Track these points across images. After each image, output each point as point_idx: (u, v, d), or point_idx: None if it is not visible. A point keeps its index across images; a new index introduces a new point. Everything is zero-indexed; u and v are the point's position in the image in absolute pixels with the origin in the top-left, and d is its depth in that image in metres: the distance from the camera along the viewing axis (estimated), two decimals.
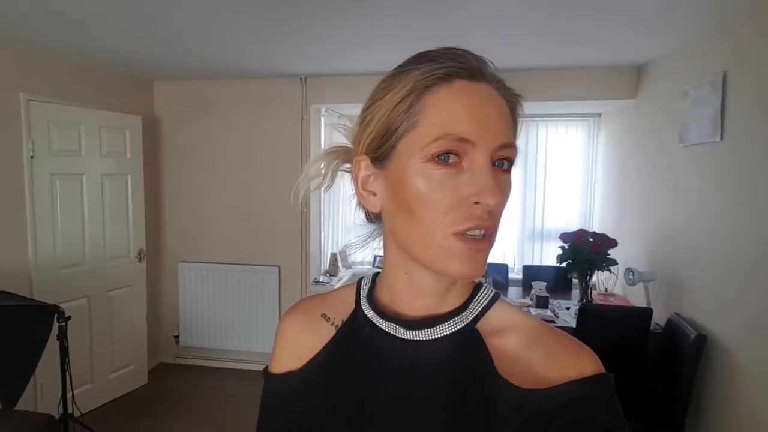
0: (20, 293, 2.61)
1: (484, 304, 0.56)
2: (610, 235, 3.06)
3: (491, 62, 0.52)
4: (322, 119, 3.97)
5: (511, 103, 0.52)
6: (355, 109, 0.56)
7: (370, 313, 0.57)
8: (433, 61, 0.49)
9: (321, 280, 3.92)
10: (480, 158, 0.47)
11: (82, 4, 2.12)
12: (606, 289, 3.41)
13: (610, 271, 3.08)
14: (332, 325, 0.60)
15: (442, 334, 0.53)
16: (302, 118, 3.75)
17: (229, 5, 2.14)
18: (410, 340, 0.54)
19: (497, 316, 0.55)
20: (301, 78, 3.68)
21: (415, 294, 0.55)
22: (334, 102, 3.76)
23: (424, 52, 0.51)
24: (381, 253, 0.58)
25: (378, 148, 0.51)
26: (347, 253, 4.48)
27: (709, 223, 2.37)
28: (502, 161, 0.49)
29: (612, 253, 3.02)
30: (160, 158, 3.92)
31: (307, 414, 0.56)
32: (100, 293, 3.25)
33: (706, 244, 2.39)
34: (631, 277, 2.88)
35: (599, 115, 4.04)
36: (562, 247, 3.13)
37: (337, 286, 3.90)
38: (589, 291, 3.10)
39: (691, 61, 2.60)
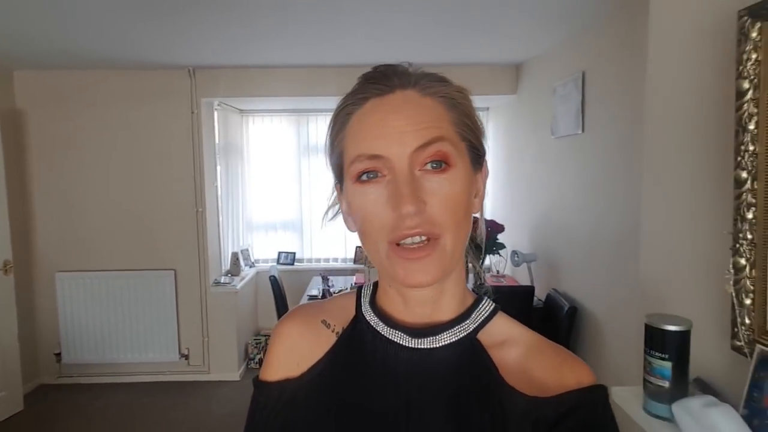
0: None
1: (485, 315, 0.56)
2: (499, 221, 3.33)
3: (409, 64, 0.53)
4: (215, 113, 3.81)
5: (446, 98, 0.51)
6: (251, 102, 0.58)
7: (373, 319, 0.57)
8: (355, 87, 0.53)
9: (222, 281, 3.77)
10: (397, 168, 0.48)
11: None
12: (498, 272, 3.71)
13: (499, 254, 3.35)
14: (333, 332, 0.59)
15: (446, 342, 0.54)
16: (192, 112, 3.56)
17: None
18: (414, 348, 0.54)
19: (497, 328, 0.56)
20: (189, 70, 3.49)
21: (405, 304, 0.55)
22: (227, 95, 3.62)
23: (363, 74, 0.54)
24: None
25: (336, 176, 0.56)
26: (249, 252, 4.36)
27: (577, 209, 2.68)
28: (437, 162, 0.49)
29: (500, 237, 3.30)
30: (25, 157, 3.49)
31: (309, 423, 0.55)
32: None
33: (575, 227, 2.71)
34: (516, 258, 3.16)
35: (487, 109, 4.34)
36: None
37: (239, 286, 3.80)
38: (482, 274, 3.35)
39: (559, 61, 2.91)
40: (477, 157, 0.55)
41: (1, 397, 3.11)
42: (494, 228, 3.26)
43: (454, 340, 0.54)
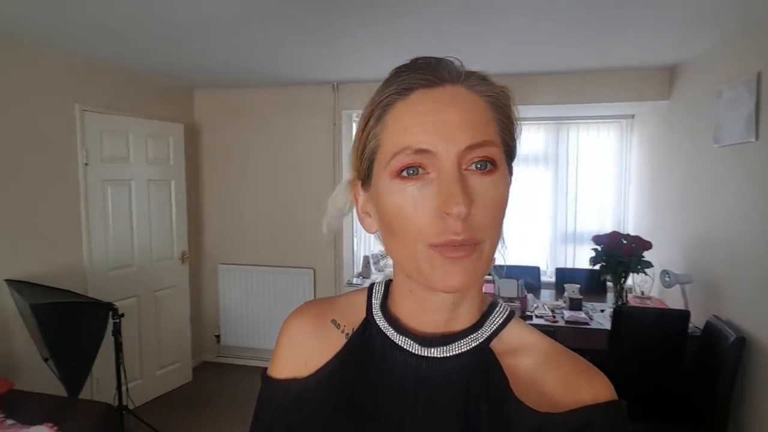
0: (78, 292, 2.79)
1: (499, 322, 0.54)
2: (645, 238, 3.05)
3: (457, 60, 0.50)
4: (354, 125, 4.08)
5: (491, 98, 0.49)
6: None
7: (383, 324, 0.55)
8: (394, 77, 0.49)
9: (354, 282, 4.01)
10: (445, 166, 0.45)
11: (126, 19, 2.27)
12: (642, 292, 3.38)
13: (645, 273, 3.06)
14: (343, 332, 0.58)
15: (457, 352, 0.52)
16: (334, 124, 3.86)
17: (263, 18, 2.26)
18: (424, 356, 0.52)
19: (512, 335, 0.54)
20: (333, 85, 3.79)
21: (422, 310, 0.53)
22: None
23: (397, 67, 0.51)
24: None
25: (361, 170, 0.52)
26: (380, 257, 4.57)
27: (747, 224, 2.35)
28: (483, 163, 0.46)
29: (647, 255, 3.01)
30: (200, 164, 4.10)
31: (314, 426, 0.53)
32: (147, 293, 3.43)
33: (744, 245, 2.37)
34: (667, 279, 2.86)
35: (632, 116, 4.01)
36: (595, 249, 3.13)
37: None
38: (624, 294, 3.09)
39: (724, 62, 2.58)
40: (510, 158, 0.52)
41: (176, 368, 3.68)
42: (640, 244, 3.00)
43: (465, 349, 0.52)
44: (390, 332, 0.54)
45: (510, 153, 0.51)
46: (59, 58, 2.78)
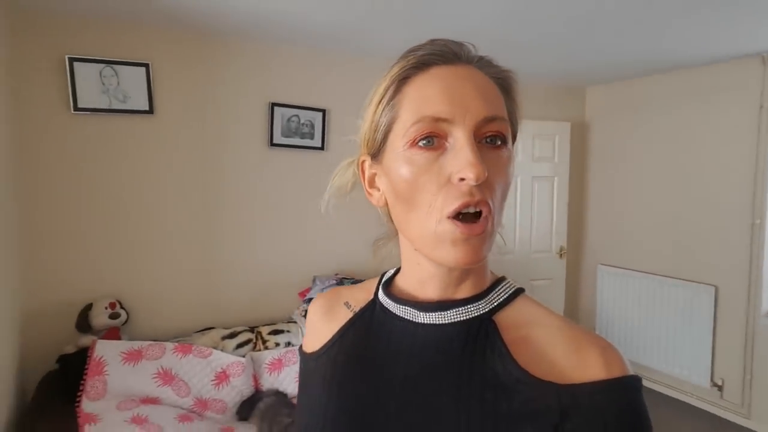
0: None
1: (504, 297, 0.54)
2: None
3: (472, 45, 0.52)
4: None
5: (500, 79, 0.52)
6: None
7: (384, 299, 0.58)
8: (411, 52, 0.51)
9: None
10: (461, 136, 0.47)
11: (522, 34, 2.51)
12: None
13: None
14: (351, 311, 0.62)
15: (454, 320, 0.53)
16: (761, 107, 2.99)
17: None
18: (421, 323, 0.54)
19: (519, 310, 0.53)
20: (764, 57, 2.95)
21: (428, 283, 0.54)
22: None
23: (410, 48, 0.52)
24: None
25: (372, 144, 0.53)
26: None
27: None
28: (493, 138, 0.49)
29: None
30: (586, 162, 4.05)
31: (323, 392, 0.58)
32: (524, 281, 3.72)
33: None
34: None
35: None
36: None
37: None
38: None
39: None
40: (513, 140, 0.54)
41: None
42: None
43: (463, 318, 0.52)
44: (390, 304, 0.57)
45: (514, 134, 0.54)
46: None
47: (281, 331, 2.68)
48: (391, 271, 0.63)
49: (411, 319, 0.55)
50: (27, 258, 2.25)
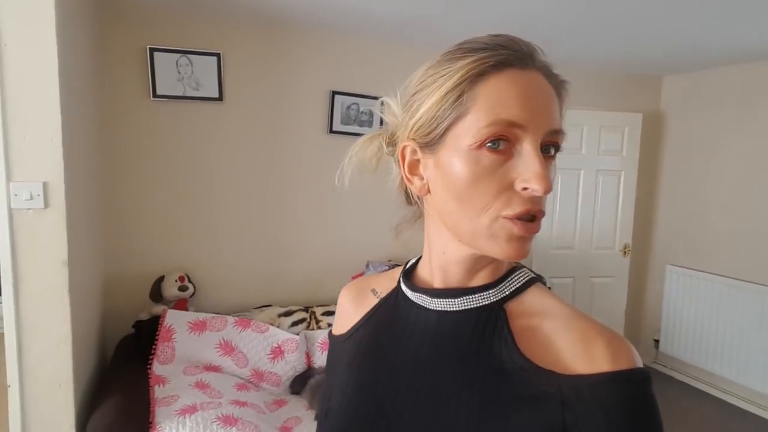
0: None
1: (517, 285, 0.55)
2: None
3: (540, 49, 0.52)
4: None
5: (558, 89, 0.52)
6: None
7: (403, 286, 0.61)
8: (483, 49, 0.49)
9: None
10: (530, 144, 0.48)
11: (591, 20, 2.41)
12: None
13: None
14: (377, 297, 0.65)
15: (465, 307, 0.54)
16: None
17: None
18: (434, 309, 0.56)
19: (531, 299, 0.54)
20: None
21: (448, 271, 0.56)
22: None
23: (472, 39, 0.52)
24: None
25: (427, 134, 0.52)
26: None
27: None
28: (549, 147, 0.50)
29: None
30: (659, 155, 3.81)
31: (346, 372, 0.62)
32: (583, 277, 3.59)
33: None
34: None
35: None
36: None
37: None
38: None
39: None
40: None
41: None
42: None
43: (474, 306, 0.54)
44: (408, 291, 0.60)
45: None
46: None
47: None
48: (414, 260, 0.65)
49: (425, 305, 0.57)
50: (109, 232, 2.47)
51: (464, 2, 2.26)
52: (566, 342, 0.49)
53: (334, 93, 2.84)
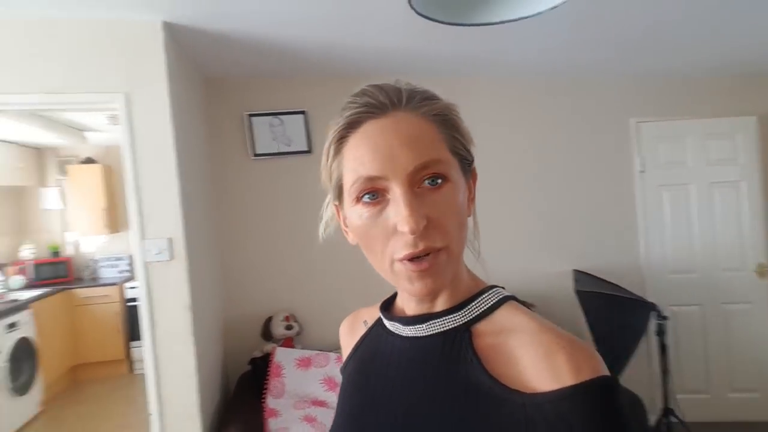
0: (633, 291, 3.03)
1: (486, 306, 0.56)
2: None
3: (403, 81, 0.54)
4: None
5: (437, 117, 0.53)
6: None
7: (382, 315, 0.64)
8: (345, 108, 0.54)
9: None
10: (396, 189, 0.50)
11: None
12: None
13: None
14: (366, 328, 0.69)
15: (432, 332, 0.56)
16: None
17: None
18: (407, 337, 0.58)
19: (500, 318, 0.54)
20: None
21: (408, 299, 0.59)
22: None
23: (348, 98, 0.55)
24: None
25: (333, 193, 0.58)
26: None
27: None
28: (433, 179, 0.50)
29: None
30: None
31: (339, 402, 0.66)
32: (713, 304, 3.20)
33: None
34: None
35: None
36: None
37: None
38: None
39: None
40: (466, 165, 0.56)
41: (752, 398, 3.18)
42: None
43: (440, 330, 0.56)
44: (386, 321, 0.63)
45: (464, 160, 0.56)
46: (613, 81, 3.17)
47: None
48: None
49: (398, 333, 0.60)
50: (227, 278, 2.80)
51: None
52: (530, 358, 0.49)
53: None
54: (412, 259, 0.50)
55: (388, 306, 0.66)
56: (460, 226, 0.53)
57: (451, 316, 0.56)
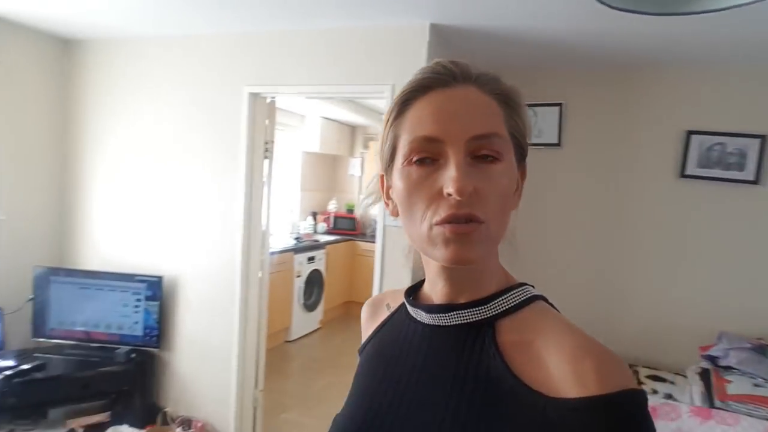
0: None
1: (514, 303, 0.55)
2: None
3: (472, 65, 0.54)
4: None
5: (500, 96, 0.54)
6: None
7: (407, 300, 0.63)
8: (414, 79, 0.55)
9: None
10: (451, 153, 0.50)
11: None
12: None
13: None
14: (388, 311, 0.69)
15: (456, 322, 0.56)
16: None
17: None
18: (429, 324, 0.58)
19: (528, 317, 0.54)
20: None
21: (437, 284, 0.58)
22: None
23: (418, 71, 0.56)
24: None
25: (385, 159, 0.58)
26: None
27: None
28: (490, 154, 0.51)
29: None
30: None
31: (354, 382, 0.66)
32: None
33: None
34: None
35: None
36: None
37: None
38: None
39: None
40: (521, 155, 0.56)
41: None
42: None
43: (463, 321, 0.55)
44: (409, 306, 0.63)
45: (520, 147, 0.56)
46: None
47: (663, 380, 2.43)
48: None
49: (420, 320, 0.60)
50: None
51: None
52: (556, 360, 0.47)
53: (690, 133, 2.54)
54: (452, 223, 0.50)
55: (413, 293, 0.65)
56: (503, 210, 0.52)
57: (477, 308, 0.55)
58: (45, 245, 2.91)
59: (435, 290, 0.59)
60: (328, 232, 5.59)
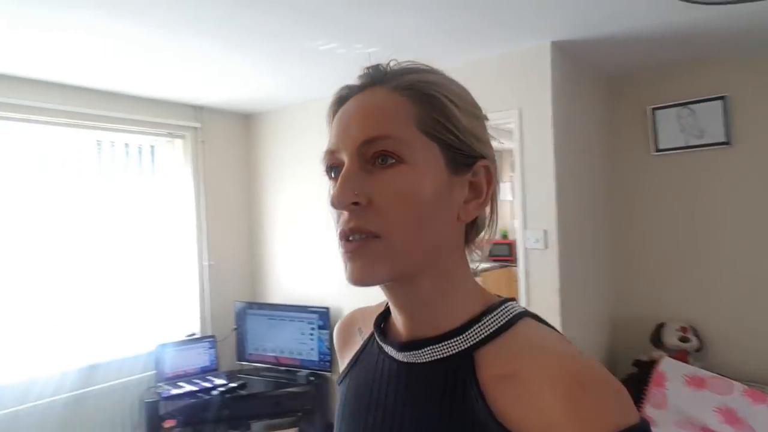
0: None
1: (495, 327, 0.47)
2: None
3: (394, 60, 0.50)
4: None
5: (410, 92, 0.47)
6: None
7: (376, 332, 0.57)
8: (336, 90, 0.53)
9: None
10: (346, 163, 0.47)
11: None
12: None
13: None
14: (361, 338, 0.62)
15: (432, 358, 0.49)
16: None
17: None
18: (403, 362, 0.51)
19: (514, 339, 0.46)
20: None
21: (396, 315, 0.53)
22: None
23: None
24: None
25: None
26: None
27: None
28: (383, 157, 0.45)
29: None
30: None
31: (336, 422, 0.59)
32: None
33: None
34: None
35: None
36: None
37: None
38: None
39: None
40: (459, 158, 0.48)
41: None
42: None
43: (441, 356, 0.48)
44: (380, 339, 0.56)
45: (451, 149, 0.48)
46: None
47: None
48: None
49: (392, 355, 0.53)
50: (615, 276, 2.80)
51: None
52: (547, 394, 0.41)
53: None
54: (342, 240, 0.46)
55: (383, 319, 0.58)
56: (417, 217, 0.45)
57: (451, 340, 0.48)
58: (242, 283, 3.53)
59: (397, 320, 0.53)
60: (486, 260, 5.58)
